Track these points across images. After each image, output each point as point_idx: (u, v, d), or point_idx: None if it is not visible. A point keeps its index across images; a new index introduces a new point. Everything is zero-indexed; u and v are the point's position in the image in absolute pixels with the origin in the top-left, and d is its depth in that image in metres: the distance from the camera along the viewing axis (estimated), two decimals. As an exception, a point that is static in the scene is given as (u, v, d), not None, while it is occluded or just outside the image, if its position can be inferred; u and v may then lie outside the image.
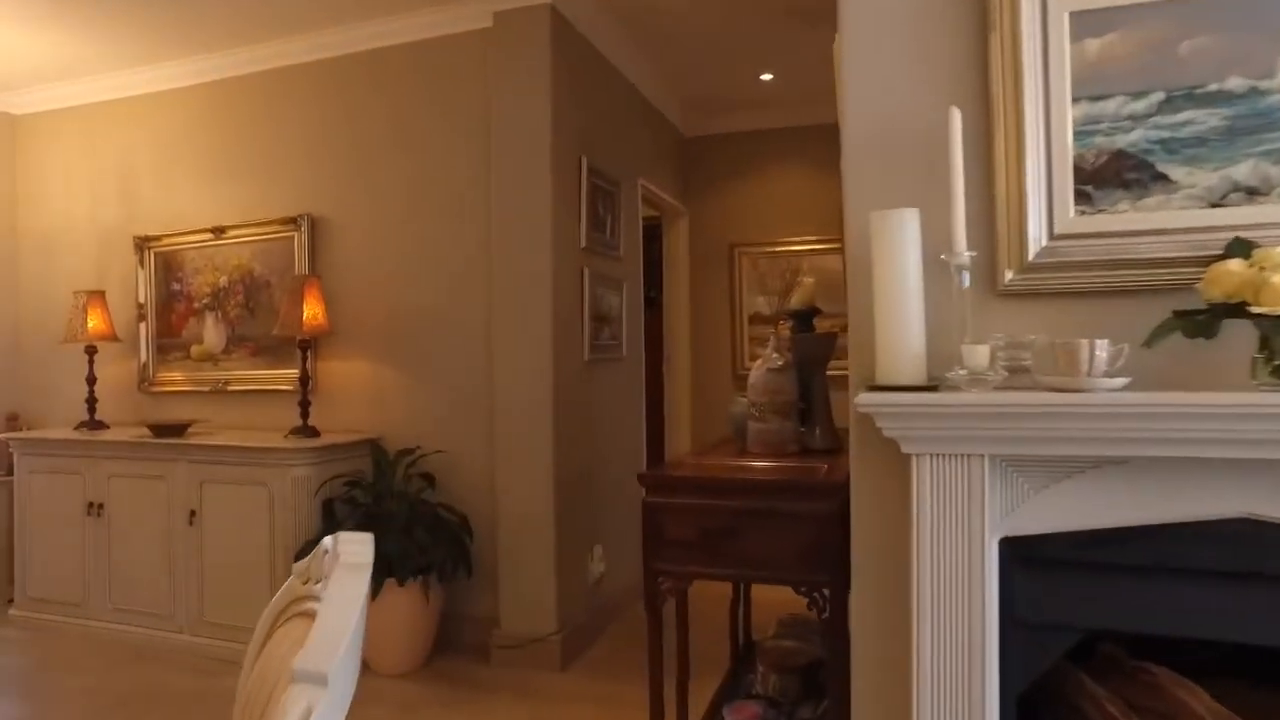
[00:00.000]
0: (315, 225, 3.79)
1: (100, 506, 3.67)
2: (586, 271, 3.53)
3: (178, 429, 3.66)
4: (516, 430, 3.30)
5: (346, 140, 3.75)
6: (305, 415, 3.51)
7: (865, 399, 1.39)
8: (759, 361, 2.34)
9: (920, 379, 1.43)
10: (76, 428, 4.08)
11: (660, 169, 4.70)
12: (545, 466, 3.26)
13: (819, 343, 2.44)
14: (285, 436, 3.47)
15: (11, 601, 4.03)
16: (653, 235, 5.02)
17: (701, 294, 5.10)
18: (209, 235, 4.00)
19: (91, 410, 4.09)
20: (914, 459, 1.43)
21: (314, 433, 3.49)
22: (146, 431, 3.68)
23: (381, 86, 3.68)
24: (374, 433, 3.65)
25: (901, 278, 1.44)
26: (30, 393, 4.71)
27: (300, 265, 3.76)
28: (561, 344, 3.33)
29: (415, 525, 3.14)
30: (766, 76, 4.44)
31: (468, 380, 3.49)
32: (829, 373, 2.39)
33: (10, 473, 4.08)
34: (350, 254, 3.74)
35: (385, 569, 3.04)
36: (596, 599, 3.62)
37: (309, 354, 3.59)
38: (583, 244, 3.51)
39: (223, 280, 4.01)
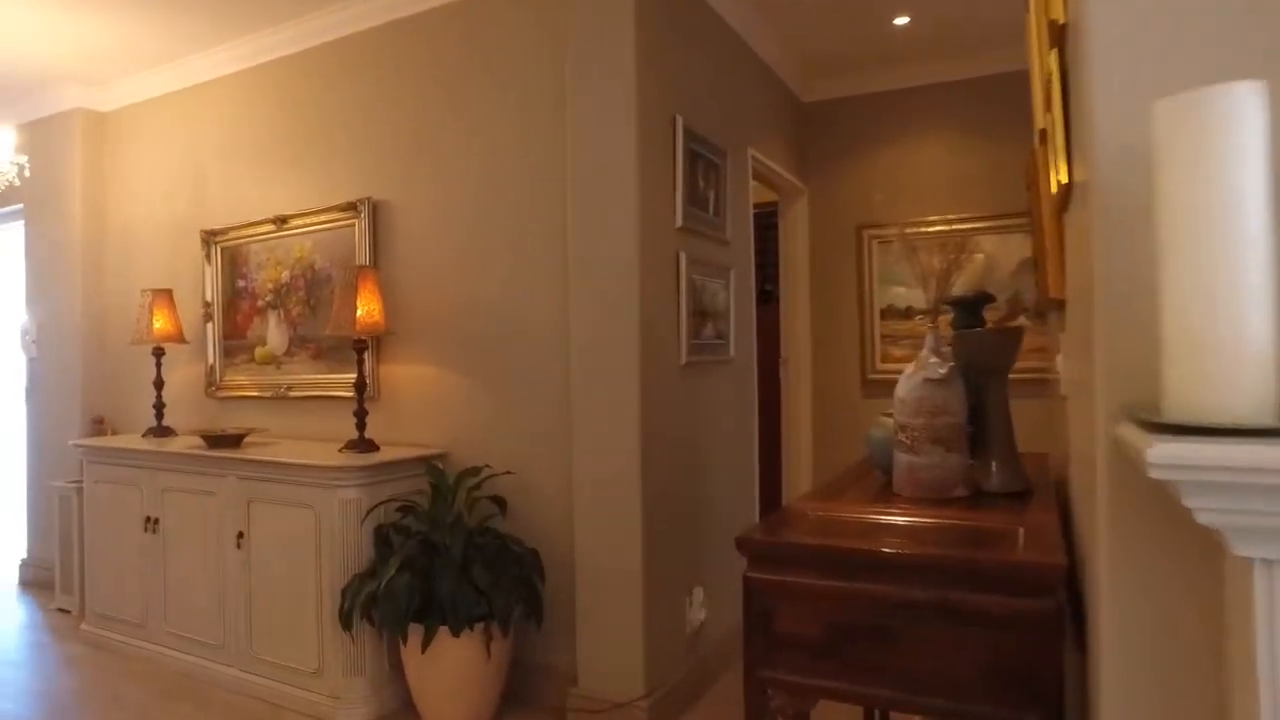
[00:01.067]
0: (376, 211, 3.35)
1: (156, 521, 3.37)
2: (683, 256, 2.91)
3: (233, 440, 3.30)
4: (597, 447, 2.72)
5: (407, 113, 3.29)
6: (361, 427, 3.07)
7: (1176, 453, 0.71)
8: (910, 369, 1.66)
9: (1273, 410, 0.73)
10: (145, 434, 3.83)
11: (774, 139, 4.02)
12: (632, 490, 2.66)
13: (997, 342, 1.74)
14: (339, 451, 3.04)
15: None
16: (765, 224, 4.34)
17: (824, 285, 4.38)
18: (271, 226, 3.65)
19: (159, 416, 3.83)
20: (1257, 568, 0.74)
21: (371, 447, 3.04)
22: (200, 442, 3.34)
23: (439, 50, 3.20)
24: (439, 447, 3.17)
25: (1228, 210, 0.75)
26: (115, 396, 4.55)
27: (361, 256, 3.34)
28: (652, 343, 2.73)
29: (473, 562, 2.62)
30: (901, 20, 3.68)
31: (541, 388, 2.95)
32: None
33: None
34: (414, 242, 3.28)
35: (438, 614, 2.54)
36: (696, 653, 3.00)
37: (366, 356, 3.15)
38: (678, 222, 2.89)
39: (285, 275, 3.64)
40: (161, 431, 3.79)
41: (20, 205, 4.85)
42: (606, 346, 2.70)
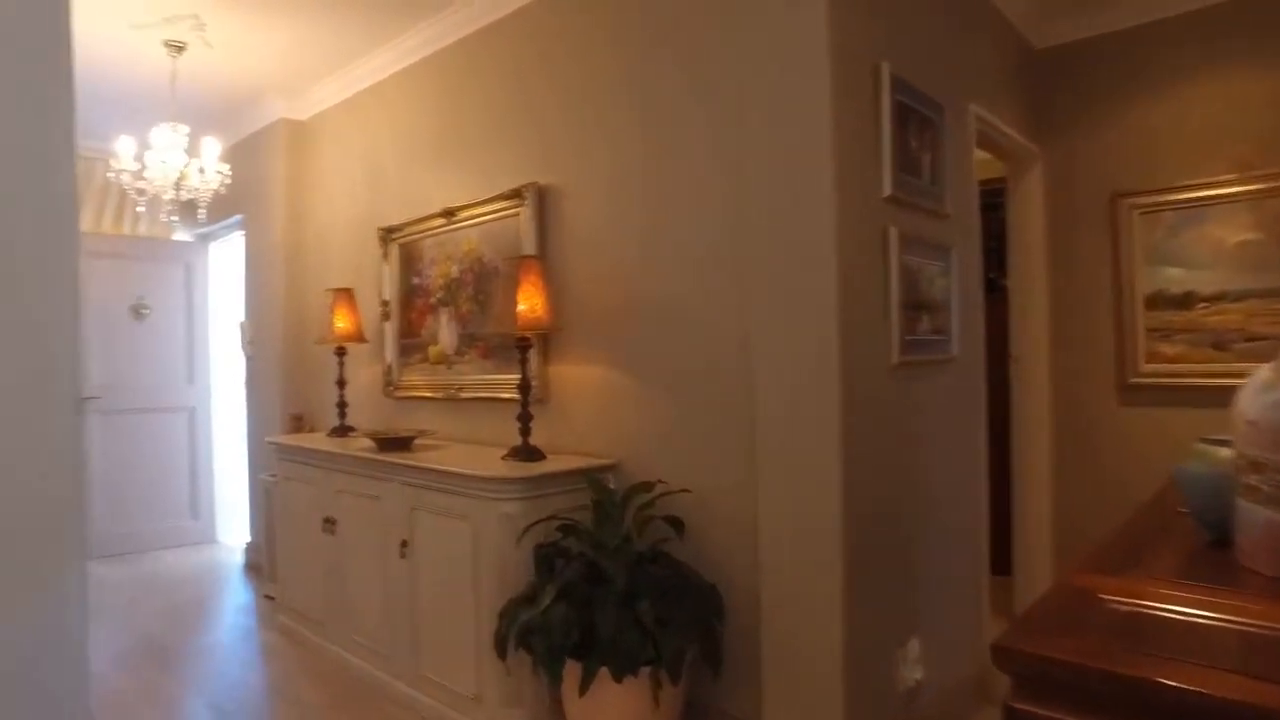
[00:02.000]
0: (543, 196, 3.09)
1: (333, 522, 3.33)
2: (893, 233, 2.37)
3: (401, 443, 3.18)
4: (789, 464, 2.26)
5: (574, 89, 2.99)
6: (525, 433, 2.82)
7: None
8: (1266, 375, 1.08)
9: None
10: (329, 433, 3.86)
11: (1001, 95, 3.33)
12: (830, 517, 2.18)
13: None
14: (502, 459, 2.81)
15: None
16: (988, 204, 3.64)
17: (1065, 269, 3.60)
18: (441, 220, 3.51)
19: (341, 415, 3.84)
20: None
21: (535, 455, 2.78)
22: (371, 444, 3.26)
23: (606, 19, 2.87)
24: (609, 457, 2.85)
25: None
26: (311, 394, 4.69)
27: (527, 246, 3.09)
28: (855, 341, 2.22)
29: (640, 594, 2.26)
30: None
31: (724, 393, 2.54)
32: None
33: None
34: (583, 229, 2.98)
35: (600, 652, 2.20)
36: (911, 718, 2.45)
37: (531, 355, 2.90)
38: (886, 191, 2.35)
39: (454, 270, 3.50)
40: (343, 431, 3.79)
41: (240, 215, 5.16)
42: (797, 345, 2.23)
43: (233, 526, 5.70)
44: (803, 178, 2.20)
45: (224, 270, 5.76)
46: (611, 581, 2.28)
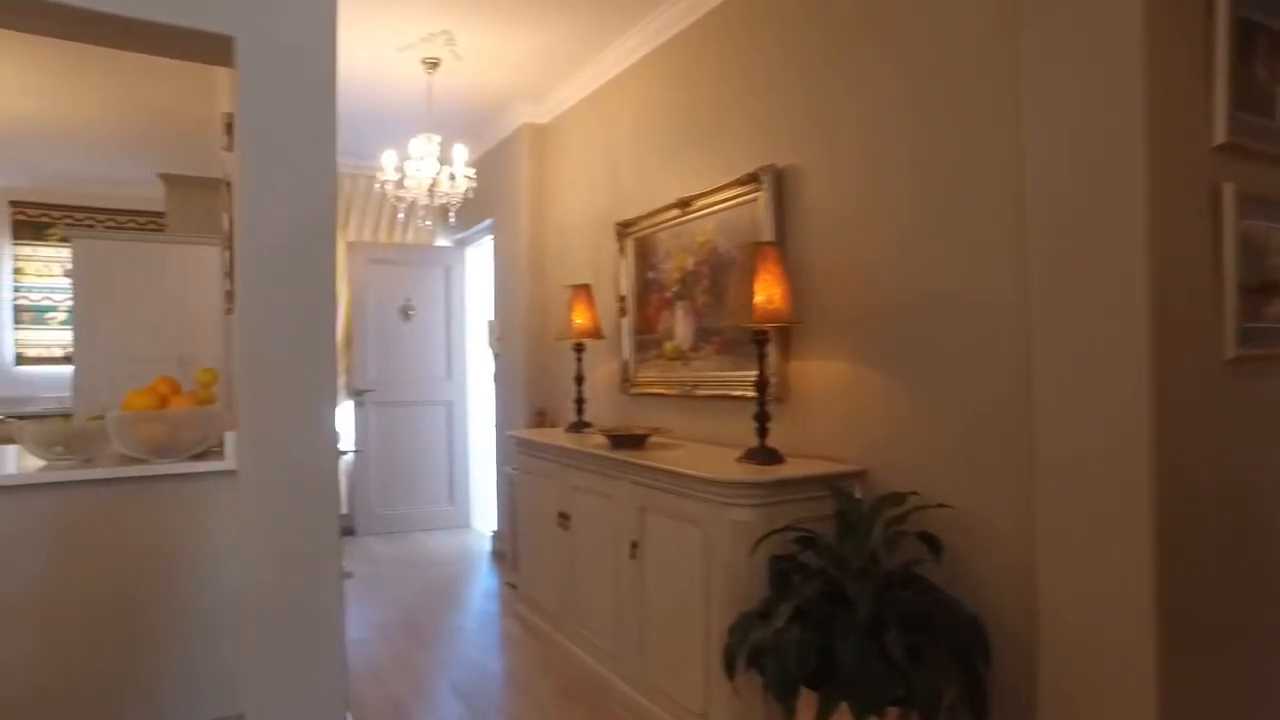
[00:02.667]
0: (781, 179, 2.86)
1: (567, 518, 3.34)
2: (1228, 191, 1.86)
3: (634, 441, 3.11)
4: (1078, 484, 1.85)
5: (818, 57, 2.73)
6: (762, 434, 2.61)
7: None
8: None
9: None
10: (567, 429, 3.91)
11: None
12: (1137, 556, 1.74)
13: None
14: (736, 460, 2.62)
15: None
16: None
17: None
18: (676, 211, 3.40)
19: (579, 411, 3.87)
20: None
21: (772, 457, 2.56)
22: (605, 441, 3.22)
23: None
24: (853, 462, 2.56)
25: None
26: (552, 390, 4.83)
27: (764, 233, 2.88)
28: (1173, 331, 1.76)
29: (888, 623, 1.96)
30: None
31: (989, 394, 2.16)
32: None
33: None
34: (826, 213, 2.71)
35: (840, 685, 1.93)
36: (1245, 812, 1.92)
37: (769, 350, 2.69)
38: (1218, 138, 1.85)
39: (689, 262, 3.37)
40: (580, 427, 3.82)
41: (490, 220, 5.47)
42: (1093, 339, 1.81)
43: (484, 514, 6.06)
44: (1099, 126, 1.78)
45: (478, 273, 6.16)
46: (855, 605, 2.00)
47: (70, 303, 4.64)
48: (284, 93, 2.29)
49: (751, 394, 2.83)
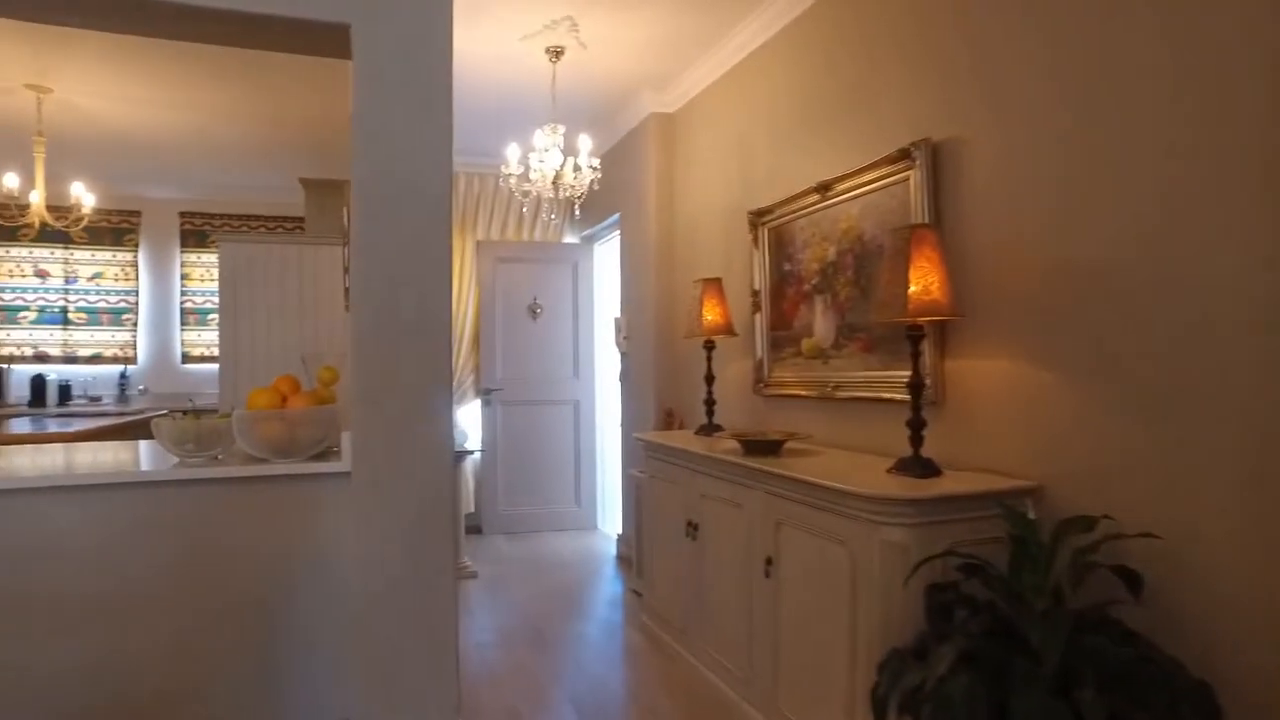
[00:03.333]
0: (937, 154, 2.52)
1: (695, 527, 3.12)
2: None
3: (769, 446, 2.85)
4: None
5: (971, 12, 2.38)
6: (916, 442, 2.30)
7: None
8: None
9: None
10: (697, 431, 3.69)
11: None
12: None
13: None
14: (887, 471, 2.32)
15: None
16: None
17: None
18: (815, 197, 3.11)
19: (709, 413, 3.65)
20: None
21: (928, 469, 2.24)
22: (736, 446, 2.98)
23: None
24: (1027, 477, 2.21)
25: None
26: (681, 390, 4.63)
27: (917, 215, 2.56)
28: None
29: (1081, 678, 1.62)
30: None
31: (1205, 399, 1.77)
32: None
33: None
34: (990, 191, 2.36)
35: (1020, 747, 1.61)
36: None
37: (925, 348, 2.37)
38: None
39: (830, 252, 3.07)
40: (711, 430, 3.60)
41: (617, 214, 5.34)
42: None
43: (610, 516, 5.94)
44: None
45: (605, 270, 6.05)
46: (1038, 653, 1.67)
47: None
48: (400, 81, 2.20)
49: (902, 397, 2.50)
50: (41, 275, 6.50)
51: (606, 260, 6.01)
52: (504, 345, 5.85)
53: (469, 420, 5.98)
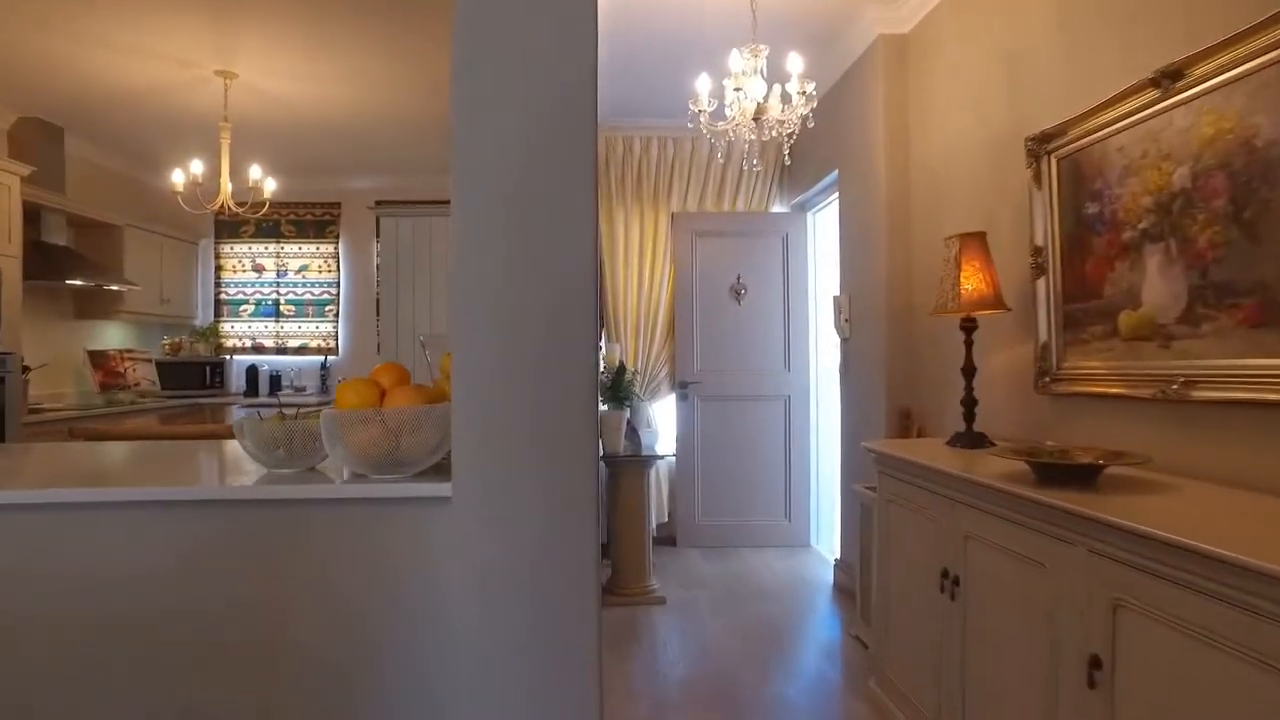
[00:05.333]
0: None
1: (956, 581, 2.20)
2: None
3: (1082, 473, 1.87)
4: None
5: None
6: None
7: None
8: None
9: None
10: (950, 440, 2.75)
11: None
12: None
13: None
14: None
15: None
16: None
17: None
18: (1151, 94, 2.05)
19: (968, 416, 2.69)
20: None
21: None
22: (1024, 469, 2.02)
23: None
24: None
25: None
26: (922, 384, 3.66)
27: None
28: None
29: None
30: None
31: None
32: None
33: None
34: None
35: None
36: None
37: None
38: None
39: (1174, 177, 2.00)
40: (971, 440, 2.63)
41: (835, 172, 4.43)
42: None
43: (826, 533, 5.04)
44: None
45: (821, 242, 5.13)
46: None
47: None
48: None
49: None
50: (259, 270, 6.77)
51: (823, 230, 5.09)
52: (703, 331, 5.12)
53: (662, 417, 5.33)
